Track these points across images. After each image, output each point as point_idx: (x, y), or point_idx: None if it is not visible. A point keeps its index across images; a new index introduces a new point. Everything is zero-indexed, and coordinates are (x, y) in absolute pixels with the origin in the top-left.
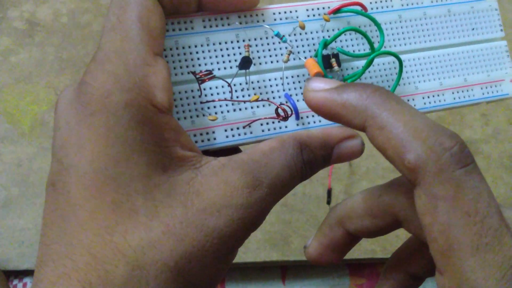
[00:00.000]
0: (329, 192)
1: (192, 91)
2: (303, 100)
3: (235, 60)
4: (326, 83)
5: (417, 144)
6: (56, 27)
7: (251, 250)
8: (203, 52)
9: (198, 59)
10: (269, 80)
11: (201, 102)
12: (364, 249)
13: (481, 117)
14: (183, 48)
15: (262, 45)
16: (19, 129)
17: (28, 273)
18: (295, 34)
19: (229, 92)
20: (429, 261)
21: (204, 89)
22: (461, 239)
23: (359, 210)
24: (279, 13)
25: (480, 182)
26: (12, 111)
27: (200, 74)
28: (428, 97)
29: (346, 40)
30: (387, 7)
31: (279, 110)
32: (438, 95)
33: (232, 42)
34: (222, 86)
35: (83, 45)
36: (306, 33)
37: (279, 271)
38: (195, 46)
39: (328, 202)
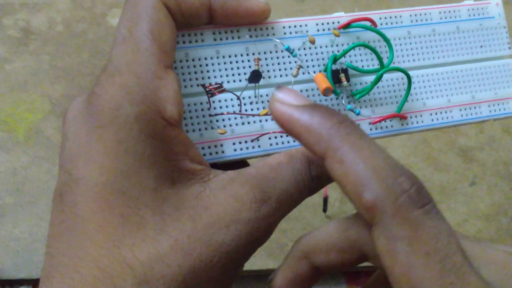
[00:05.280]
0: (325, 200)
1: (201, 103)
2: None
3: (245, 73)
4: (295, 98)
5: (375, 183)
6: (51, 35)
7: None
8: (212, 64)
9: (208, 71)
10: None
11: (210, 115)
12: None
13: (476, 125)
14: (193, 60)
15: (271, 58)
16: (14, 138)
17: (23, 282)
18: (304, 48)
19: (238, 105)
20: None
21: (213, 102)
22: (424, 280)
23: (324, 244)
24: (289, 27)
25: (438, 221)
26: (7, 120)
27: (210, 87)
28: (436, 113)
29: (355, 55)
30: (396, 23)
31: None
32: (445, 112)
33: (242, 55)
34: (231, 99)
35: (78, 53)
36: (315, 48)
37: None
38: (205, 59)
39: (324, 210)
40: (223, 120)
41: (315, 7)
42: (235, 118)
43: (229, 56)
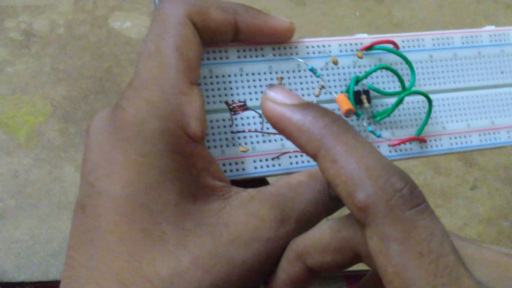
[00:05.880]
0: None
1: (223, 120)
2: None
3: None
4: (287, 97)
5: (368, 183)
6: (53, 38)
7: None
8: (236, 82)
9: (231, 88)
10: None
11: (232, 132)
12: None
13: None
14: (217, 77)
15: (294, 77)
16: (16, 140)
17: (25, 284)
18: (327, 69)
19: (260, 123)
20: None
21: (236, 119)
22: (417, 281)
23: (318, 245)
24: (313, 47)
25: (432, 221)
26: (8, 122)
27: (234, 105)
28: (455, 137)
29: (377, 77)
30: (418, 46)
31: None
32: (465, 137)
33: (265, 73)
34: (253, 117)
35: (79, 56)
36: (338, 68)
37: None
38: (229, 76)
39: None
40: (245, 137)
41: (316, 11)
42: (256, 136)
43: (253, 74)
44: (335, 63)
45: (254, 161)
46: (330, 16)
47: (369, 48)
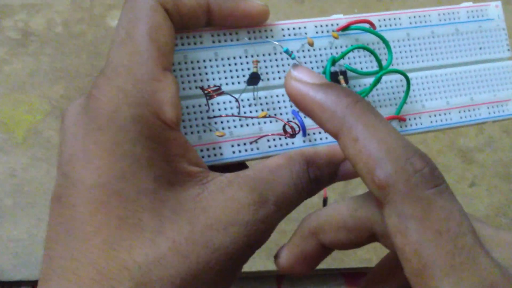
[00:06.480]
0: (325, 201)
1: (199, 106)
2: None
3: (243, 76)
4: (311, 77)
5: (388, 162)
6: (50, 36)
7: None
8: (211, 67)
9: (207, 74)
10: (277, 96)
11: (209, 117)
12: (360, 258)
13: (476, 126)
14: (192, 62)
15: (270, 61)
16: (13, 139)
17: (22, 283)
18: (303, 51)
19: (237, 107)
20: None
21: (212, 104)
22: (434, 259)
23: (333, 222)
24: (288, 29)
25: (451, 201)
26: (6, 121)
27: (209, 90)
28: (435, 115)
29: (354, 57)
30: (395, 25)
31: (287, 127)
32: (444, 114)
33: (240, 57)
34: (230, 102)
35: (77, 54)
36: (314, 50)
37: (275, 281)
38: (204, 61)
39: None
40: (222, 122)
41: (315, 8)
42: (233, 120)
43: (228, 58)
44: (311, 44)
45: (232, 146)
46: (328, 13)
47: (345, 28)
